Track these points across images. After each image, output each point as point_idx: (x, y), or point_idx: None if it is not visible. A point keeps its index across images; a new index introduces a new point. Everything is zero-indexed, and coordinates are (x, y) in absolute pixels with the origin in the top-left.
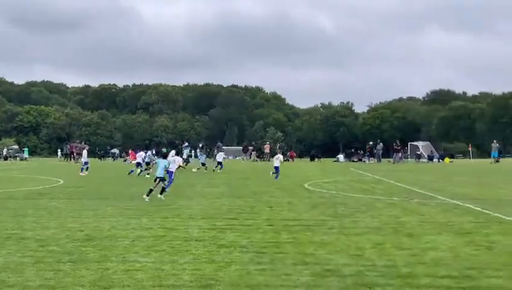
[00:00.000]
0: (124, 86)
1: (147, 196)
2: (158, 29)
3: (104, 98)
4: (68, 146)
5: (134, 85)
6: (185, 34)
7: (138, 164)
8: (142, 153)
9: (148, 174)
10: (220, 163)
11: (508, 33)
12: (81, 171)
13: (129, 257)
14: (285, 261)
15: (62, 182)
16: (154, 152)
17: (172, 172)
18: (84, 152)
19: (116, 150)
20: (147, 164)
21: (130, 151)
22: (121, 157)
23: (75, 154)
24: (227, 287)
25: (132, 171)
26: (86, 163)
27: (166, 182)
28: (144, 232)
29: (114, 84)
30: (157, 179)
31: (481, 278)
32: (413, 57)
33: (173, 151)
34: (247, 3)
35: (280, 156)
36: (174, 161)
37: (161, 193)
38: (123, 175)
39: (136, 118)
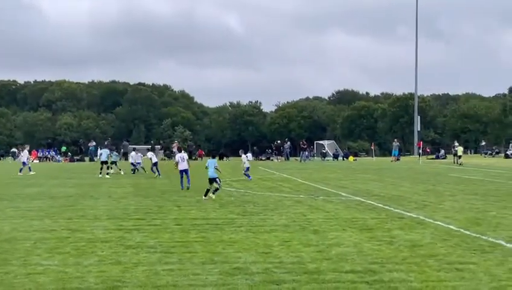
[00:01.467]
0: (25, 82)
1: (205, 196)
2: (61, 24)
3: (4, 94)
4: None
5: (35, 81)
6: (90, 30)
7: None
8: (151, 153)
9: (107, 173)
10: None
11: (407, 37)
12: (20, 171)
13: (31, 259)
14: (193, 260)
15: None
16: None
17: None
18: (25, 152)
19: (16, 149)
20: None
21: (30, 150)
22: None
23: None
24: (135, 289)
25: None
26: (24, 163)
27: (219, 182)
28: (47, 234)
29: (14, 81)
30: (211, 180)
31: (383, 272)
32: (319, 58)
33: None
34: (153, 0)
35: (249, 155)
36: (183, 158)
37: (214, 193)
38: (24, 175)
39: (38, 116)
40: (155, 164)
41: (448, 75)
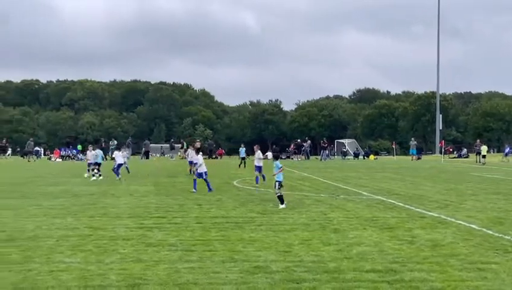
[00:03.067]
0: (47, 81)
1: (282, 204)
2: (78, 24)
3: (27, 94)
4: None
5: (58, 81)
6: (106, 30)
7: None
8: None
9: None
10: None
11: (423, 35)
12: (117, 175)
13: (54, 257)
14: (214, 258)
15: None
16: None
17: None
18: (119, 153)
19: (38, 148)
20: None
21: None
22: (44, 155)
23: None
24: (156, 287)
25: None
26: (120, 165)
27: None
28: (69, 232)
29: (37, 80)
30: (277, 183)
31: (404, 272)
32: (335, 56)
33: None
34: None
35: (269, 154)
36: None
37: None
38: (47, 174)
39: (61, 115)
40: (119, 166)
41: (470, 74)
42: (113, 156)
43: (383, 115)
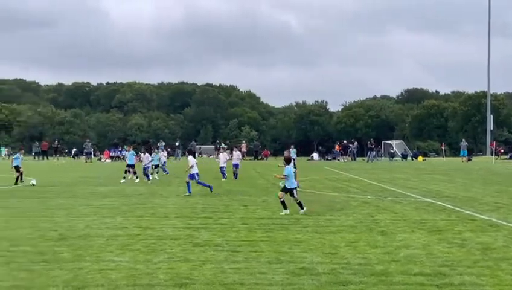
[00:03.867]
0: (97, 84)
1: (302, 209)
2: (127, 27)
3: (78, 96)
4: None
5: (108, 83)
6: (154, 32)
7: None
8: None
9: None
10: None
11: (472, 33)
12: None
13: (103, 256)
14: (259, 259)
15: (35, 181)
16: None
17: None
18: (163, 153)
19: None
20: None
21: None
22: (94, 156)
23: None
24: (202, 286)
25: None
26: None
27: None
28: (119, 231)
29: (88, 83)
30: (294, 191)
31: (454, 275)
32: (382, 56)
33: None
34: (214, 2)
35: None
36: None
37: (302, 208)
38: (98, 174)
39: (110, 117)
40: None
41: None
42: (143, 157)
43: (431, 115)
